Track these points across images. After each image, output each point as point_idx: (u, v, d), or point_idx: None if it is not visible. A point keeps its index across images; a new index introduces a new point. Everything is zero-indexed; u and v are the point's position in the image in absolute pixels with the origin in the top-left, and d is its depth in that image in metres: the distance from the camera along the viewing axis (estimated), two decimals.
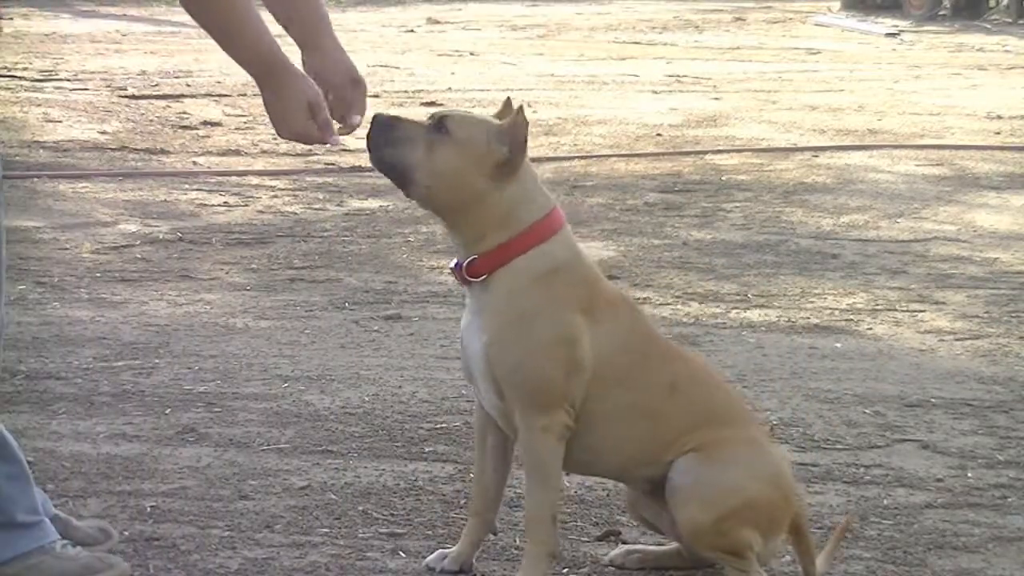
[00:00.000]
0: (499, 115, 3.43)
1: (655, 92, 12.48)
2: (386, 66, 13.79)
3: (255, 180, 8.67)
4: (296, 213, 7.84)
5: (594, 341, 3.34)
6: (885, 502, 4.05)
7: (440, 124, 3.34)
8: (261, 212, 7.86)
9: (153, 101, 11.24)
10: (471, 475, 4.08)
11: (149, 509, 3.91)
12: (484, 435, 3.51)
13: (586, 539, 3.78)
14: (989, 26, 18.25)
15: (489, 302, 3.35)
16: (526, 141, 3.33)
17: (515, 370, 3.32)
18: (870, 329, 5.82)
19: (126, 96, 11.41)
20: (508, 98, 3.48)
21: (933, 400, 4.93)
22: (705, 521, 3.34)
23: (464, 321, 3.42)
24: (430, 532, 3.79)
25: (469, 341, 3.39)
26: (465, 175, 3.31)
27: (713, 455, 3.37)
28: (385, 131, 3.36)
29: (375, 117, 3.39)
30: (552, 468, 3.37)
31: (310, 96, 3.33)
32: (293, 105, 3.32)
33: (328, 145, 3.43)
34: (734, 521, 3.34)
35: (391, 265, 6.76)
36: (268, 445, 4.40)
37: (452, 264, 3.41)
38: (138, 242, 7.13)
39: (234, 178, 8.72)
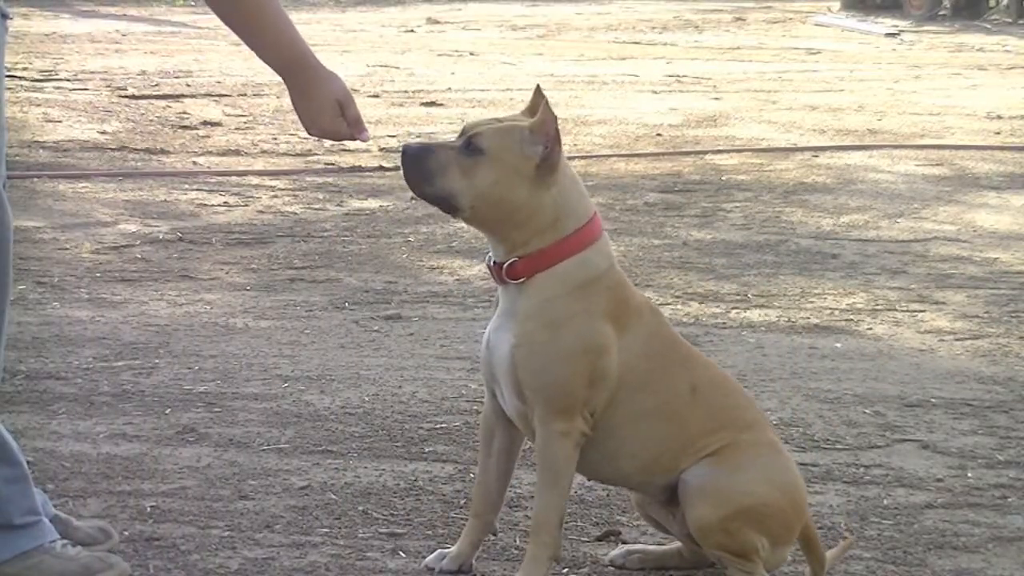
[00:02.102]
0: (530, 106, 3.40)
1: (655, 92, 12.49)
2: (386, 66, 13.79)
3: (255, 180, 8.67)
4: (296, 213, 7.84)
5: (620, 349, 3.34)
6: (885, 502, 4.05)
7: (471, 143, 3.30)
8: (261, 212, 7.86)
9: (153, 101, 11.24)
10: (471, 475, 4.09)
11: (149, 509, 3.91)
12: (491, 437, 3.51)
13: (586, 539, 3.78)
14: (989, 26, 18.25)
15: (522, 306, 3.33)
16: (559, 134, 3.31)
17: (540, 374, 3.31)
18: (870, 329, 5.82)
19: (126, 96, 11.41)
20: (538, 86, 3.45)
21: (933, 400, 4.93)
22: (714, 519, 3.34)
23: (493, 323, 3.40)
24: (430, 532, 3.79)
25: (496, 343, 3.37)
26: (508, 187, 3.29)
27: (729, 457, 3.37)
28: (418, 164, 3.32)
29: (404, 150, 3.35)
30: (565, 472, 3.38)
31: (339, 94, 3.33)
32: (322, 104, 3.32)
33: (359, 141, 3.42)
34: (742, 522, 3.34)
35: (391, 265, 6.76)
36: (268, 445, 4.40)
37: (489, 262, 3.39)
38: (138, 242, 7.13)
39: (234, 178, 8.72)
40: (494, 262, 3.37)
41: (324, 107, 3.33)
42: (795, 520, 3.41)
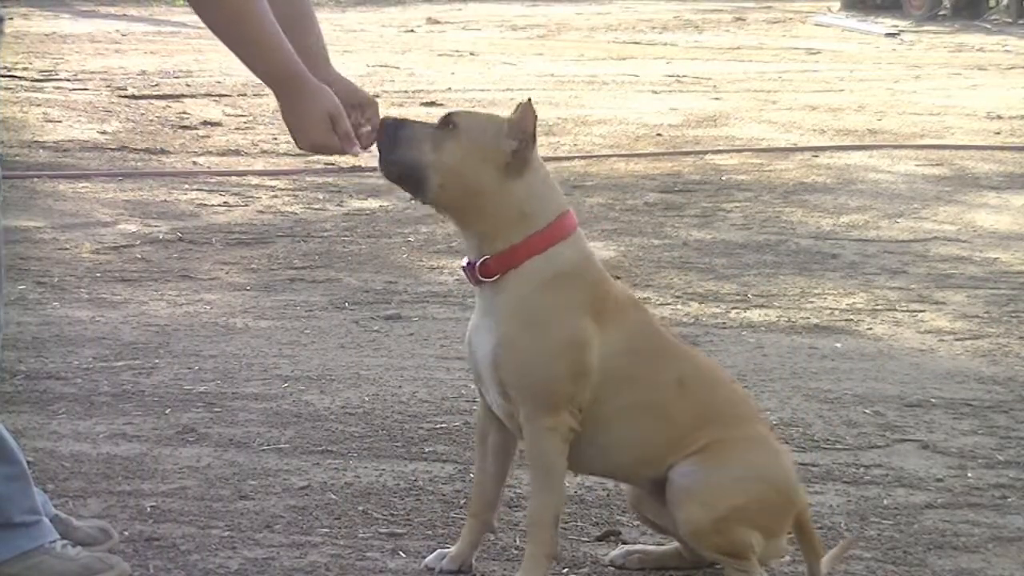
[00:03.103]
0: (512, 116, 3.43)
1: (655, 92, 12.49)
2: (386, 66, 13.79)
3: (255, 180, 8.67)
4: (296, 213, 7.84)
5: (603, 344, 3.34)
6: (885, 502, 4.05)
7: (447, 120, 3.35)
8: (261, 212, 7.86)
9: (153, 101, 11.24)
10: (471, 475, 4.08)
11: (149, 509, 3.91)
12: (485, 436, 3.51)
13: (586, 539, 3.78)
14: (989, 26, 18.25)
15: (499, 304, 3.34)
16: (535, 133, 3.32)
17: (523, 372, 3.32)
18: (870, 329, 5.82)
19: (126, 96, 11.41)
20: (521, 101, 3.46)
21: (933, 400, 4.93)
22: (705, 520, 3.34)
23: (473, 322, 3.41)
24: (430, 532, 3.79)
25: (478, 342, 3.38)
26: (476, 169, 3.31)
27: (715, 455, 3.37)
28: (394, 132, 3.37)
29: (383, 120, 3.40)
30: (556, 469, 3.38)
31: (330, 108, 3.32)
32: (313, 117, 3.31)
33: (350, 156, 3.42)
34: (734, 520, 3.34)
35: (391, 265, 6.76)
36: (268, 445, 4.40)
37: (463, 263, 3.41)
38: (138, 242, 7.13)
39: (234, 178, 8.72)
40: (468, 262, 3.38)
41: (315, 121, 3.32)
42: (787, 510, 3.40)
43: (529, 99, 3.37)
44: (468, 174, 3.31)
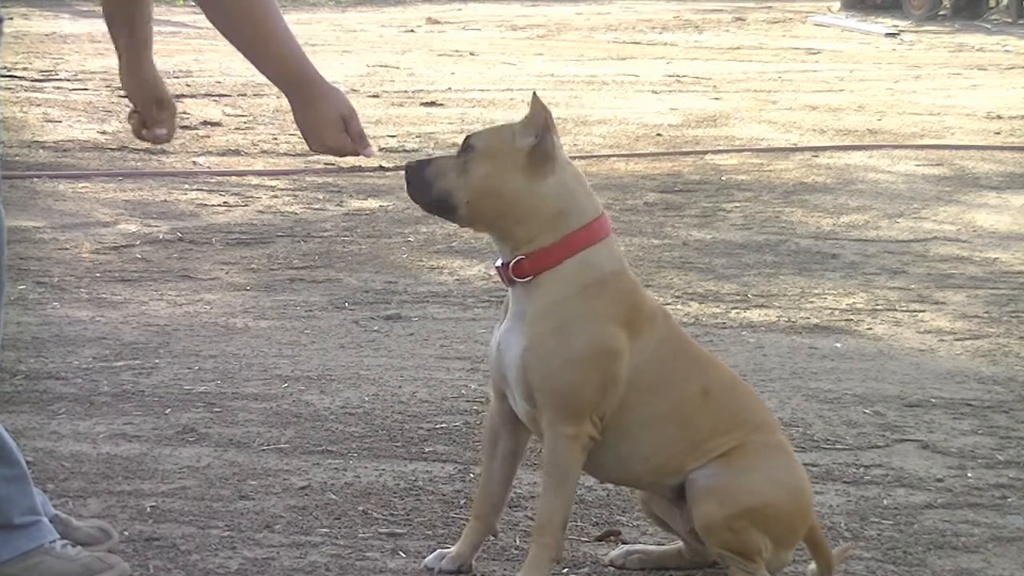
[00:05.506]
0: None
1: (655, 92, 12.49)
2: (386, 66, 13.80)
3: (255, 180, 8.67)
4: (296, 213, 7.84)
5: (632, 355, 3.34)
6: (885, 502, 4.05)
7: (465, 145, 3.36)
8: (261, 212, 7.86)
9: None
10: (471, 475, 4.09)
11: (149, 509, 3.91)
12: (495, 440, 3.50)
13: (586, 539, 3.78)
14: (989, 26, 18.26)
15: (531, 308, 3.34)
16: (548, 122, 3.32)
17: (549, 378, 3.31)
18: (870, 329, 5.82)
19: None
20: (534, 92, 3.47)
21: (933, 400, 4.93)
22: (719, 517, 3.34)
23: (504, 325, 3.40)
24: (430, 532, 3.79)
25: (507, 345, 3.37)
26: (501, 178, 3.31)
27: (738, 459, 3.38)
28: (419, 174, 3.38)
29: (407, 166, 3.41)
30: (570, 475, 3.38)
31: (342, 109, 3.31)
32: (326, 118, 3.30)
33: (363, 157, 3.42)
34: (747, 521, 3.34)
35: (391, 265, 6.76)
36: (268, 445, 4.40)
37: (496, 264, 3.40)
38: (138, 242, 7.13)
39: (234, 178, 8.72)
40: (502, 263, 3.38)
41: (328, 122, 3.31)
42: (800, 523, 3.42)
43: (534, 92, 3.38)
44: (494, 185, 3.31)
